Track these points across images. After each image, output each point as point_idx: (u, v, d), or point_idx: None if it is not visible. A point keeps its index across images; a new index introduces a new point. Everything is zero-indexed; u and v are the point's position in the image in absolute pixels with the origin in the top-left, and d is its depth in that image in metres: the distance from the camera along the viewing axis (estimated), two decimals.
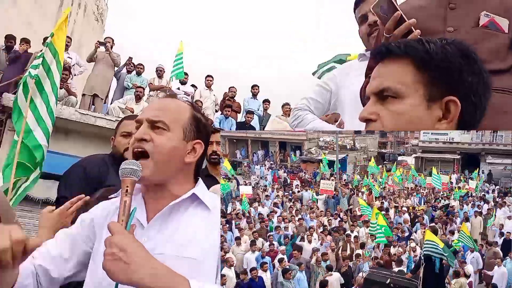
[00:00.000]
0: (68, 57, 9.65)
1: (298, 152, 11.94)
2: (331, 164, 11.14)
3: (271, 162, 14.11)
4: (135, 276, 1.10)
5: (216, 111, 11.18)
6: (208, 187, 1.68)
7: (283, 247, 6.32)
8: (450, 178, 11.07)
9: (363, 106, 1.70)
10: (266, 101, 10.57)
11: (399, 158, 13.60)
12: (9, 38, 9.37)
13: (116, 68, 10.27)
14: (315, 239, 6.73)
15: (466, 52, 1.00)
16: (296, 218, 7.70)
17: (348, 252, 6.66)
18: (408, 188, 10.50)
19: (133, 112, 7.51)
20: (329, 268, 5.73)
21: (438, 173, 11.28)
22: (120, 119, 3.11)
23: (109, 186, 2.42)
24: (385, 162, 12.25)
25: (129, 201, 1.24)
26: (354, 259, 6.35)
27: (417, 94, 0.98)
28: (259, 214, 8.30)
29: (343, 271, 5.92)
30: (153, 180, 1.34)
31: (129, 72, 10.45)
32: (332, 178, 11.06)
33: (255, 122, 10.35)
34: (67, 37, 9.79)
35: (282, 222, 7.34)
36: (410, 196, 10.01)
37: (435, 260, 5.02)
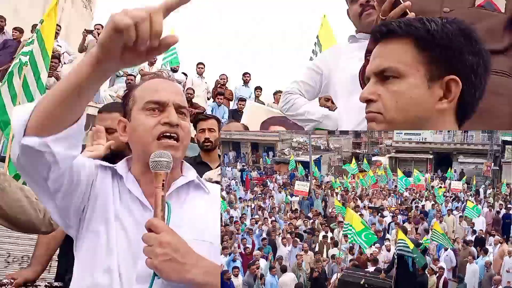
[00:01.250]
0: (58, 45, 9.46)
1: (271, 153, 11.88)
2: (305, 165, 11.10)
3: (243, 163, 13.98)
4: (188, 275, 1.13)
5: (208, 98, 11.00)
6: (201, 174, 1.65)
7: (257, 252, 6.19)
8: (431, 180, 11.19)
9: (362, 87, 1.64)
10: (258, 88, 10.39)
11: (373, 158, 13.74)
12: (0, 18, 9.28)
13: None
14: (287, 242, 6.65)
15: (466, 32, 0.99)
16: (269, 220, 7.59)
17: (325, 254, 6.60)
18: (382, 187, 10.56)
19: None
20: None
21: (404, 175, 11.41)
22: None
23: None
24: (359, 162, 12.32)
25: (164, 195, 1.20)
26: (329, 260, 6.28)
27: (418, 74, 0.98)
28: (230, 217, 8.15)
29: (317, 273, 5.85)
30: (176, 163, 1.29)
31: None
32: (309, 179, 11.06)
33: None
34: (57, 25, 9.73)
35: (256, 225, 7.24)
36: (387, 197, 10.08)
37: (407, 259, 5.00)
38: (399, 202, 9.22)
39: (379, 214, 8.08)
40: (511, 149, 11.74)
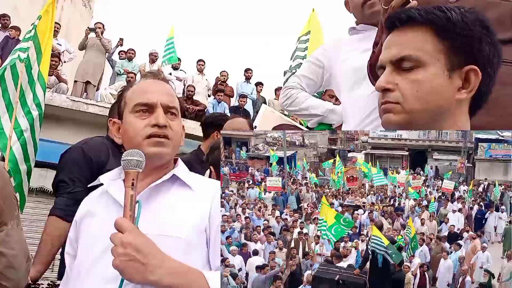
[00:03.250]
0: (58, 44, 9.23)
1: (244, 148, 11.68)
2: (279, 161, 11.02)
3: None
4: (152, 277, 1.09)
5: (209, 95, 10.92)
6: (205, 171, 1.68)
7: (233, 247, 6.12)
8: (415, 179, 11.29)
9: (370, 79, 1.62)
10: (259, 84, 10.35)
11: (349, 154, 13.79)
12: (4, 17, 9.09)
13: (107, 54, 9.82)
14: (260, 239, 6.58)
15: (484, 21, 0.99)
16: (243, 217, 7.46)
17: (301, 250, 6.55)
18: (362, 185, 10.58)
19: None
20: None
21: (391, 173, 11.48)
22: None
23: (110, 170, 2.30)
24: (334, 158, 12.30)
25: (135, 194, 1.19)
26: (302, 257, 6.24)
27: (438, 63, 0.97)
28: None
29: (292, 270, 5.79)
30: (165, 159, 1.36)
31: (121, 58, 10.07)
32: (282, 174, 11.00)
33: (248, 106, 9.98)
34: (56, 23, 9.40)
35: (226, 223, 7.10)
36: (365, 194, 10.09)
37: (377, 255, 4.96)
38: (379, 200, 9.24)
39: (354, 211, 8.10)
40: (484, 146, 11.95)
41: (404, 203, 8.95)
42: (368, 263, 5.28)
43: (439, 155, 13.10)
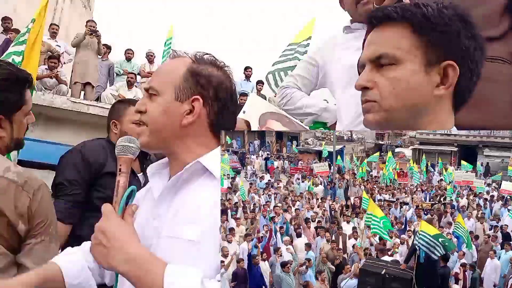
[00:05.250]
0: (57, 45, 9.21)
1: (295, 142, 11.92)
2: (329, 155, 11.13)
3: (267, 152, 14.12)
4: (113, 262, 1.05)
5: None
6: None
7: (286, 238, 6.37)
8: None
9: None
10: (260, 83, 10.49)
11: (396, 149, 13.57)
12: (6, 20, 9.06)
13: (99, 57, 9.55)
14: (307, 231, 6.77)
15: (463, 16, 0.97)
16: (293, 209, 7.71)
17: (341, 244, 6.69)
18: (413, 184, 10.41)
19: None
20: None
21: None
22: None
23: (108, 173, 2.30)
24: (382, 153, 12.20)
25: (123, 180, 1.17)
26: (349, 250, 6.38)
27: (415, 59, 0.95)
28: (254, 204, 8.34)
29: (337, 263, 5.96)
30: (153, 148, 1.23)
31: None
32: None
33: None
34: (56, 25, 9.51)
35: (272, 212, 7.39)
36: (416, 191, 9.96)
37: (420, 250, 5.02)
38: (427, 199, 9.12)
39: (401, 207, 8.13)
40: None
41: (451, 200, 8.86)
42: (414, 259, 5.38)
43: (491, 151, 12.70)
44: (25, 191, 1.48)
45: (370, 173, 10.90)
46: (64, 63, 9.33)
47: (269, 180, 10.42)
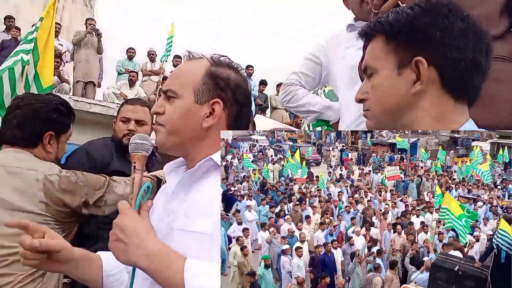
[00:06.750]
0: (59, 44, 9.09)
1: (369, 134, 11.79)
2: (402, 148, 10.90)
3: (343, 144, 14.05)
4: (133, 257, 1.07)
5: None
6: None
7: (358, 228, 6.51)
8: None
9: (361, 80, 1.54)
10: (263, 84, 10.29)
11: (473, 143, 12.87)
12: (9, 18, 9.14)
13: (99, 55, 9.58)
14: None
15: (431, 11, 0.98)
16: (365, 200, 7.82)
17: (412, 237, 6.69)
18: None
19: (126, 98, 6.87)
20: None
21: None
22: (115, 104, 2.75)
23: (114, 171, 2.29)
24: (457, 147, 11.70)
25: (138, 177, 1.19)
26: (420, 244, 6.39)
27: (388, 65, 1.00)
28: (328, 194, 8.53)
29: (411, 256, 6.02)
30: (169, 149, 1.25)
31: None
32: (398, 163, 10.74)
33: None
34: (57, 23, 9.15)
35: (346, 202, 7.53)
36: (494, 188, 9.38)
37: (500, 250, 4.92)
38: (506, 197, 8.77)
39: (475, 203, 7.93)
40: None
41: None
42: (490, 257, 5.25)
43: None
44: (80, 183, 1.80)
45: (447, 168, 10.56)
46: (66, 61, 9.41)
47: (342, 171, 10.44)
